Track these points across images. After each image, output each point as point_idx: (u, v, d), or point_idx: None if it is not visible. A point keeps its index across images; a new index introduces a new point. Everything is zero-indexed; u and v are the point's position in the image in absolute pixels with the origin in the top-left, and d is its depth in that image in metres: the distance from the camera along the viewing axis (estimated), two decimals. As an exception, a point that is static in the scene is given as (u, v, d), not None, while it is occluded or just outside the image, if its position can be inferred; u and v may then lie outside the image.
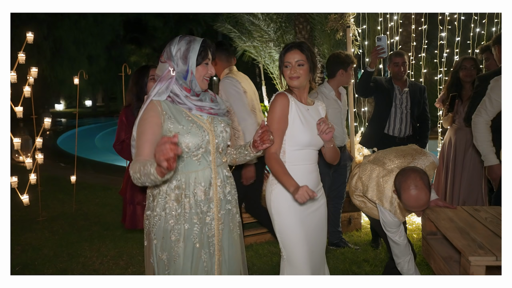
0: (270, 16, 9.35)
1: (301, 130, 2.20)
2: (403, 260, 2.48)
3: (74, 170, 5.48)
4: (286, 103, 2.19)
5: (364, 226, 4.46)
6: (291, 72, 2.19)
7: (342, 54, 3.68)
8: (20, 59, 4.13)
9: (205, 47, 1.93)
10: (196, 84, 1.94)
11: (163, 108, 1.87)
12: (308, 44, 2.24)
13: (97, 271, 3.58)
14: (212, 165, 1.98)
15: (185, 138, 1.88)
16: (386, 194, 2.38)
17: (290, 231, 2.23)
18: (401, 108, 3.88)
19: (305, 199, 1.92)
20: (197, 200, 1.94)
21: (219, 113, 2.02)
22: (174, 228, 1.91)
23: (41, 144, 4.65)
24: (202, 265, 1.96)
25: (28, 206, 4.97)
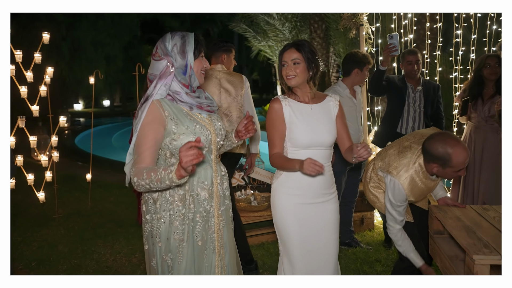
0: (285, 15, 9.36)
1: (300, 131, 2.21)
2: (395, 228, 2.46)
3: (90, 169, 5.57)
4: (278, 108, 2.23)
5: (377, 226, 4.43)
6: (287, 71, 2.20)
7: (359, 54, 3.66)
8: (36, 59, 4.22)
9: (199, 41, 1.93)
10: (195, 79, 1.93)
11: (165, 108, 1.85)
12: (309, 43, 2.22)
13: (110, 268, 3.64)
14: (213, 163, 2.00)
15: (190, 139, 1.84)
16: (403, 164, 2.36)
17: (285, 227, 2.27)
18: (414, 106, 3.83)
19: (314, 170, 1.92)
20: (200, 199, 1.94)
21: (214, 110, 2.03)
22: (178, 228, 1.90)
23: (56, 143, 4.73)
24: (204, 262, 1.97)
25: (45, 204, 5.08)
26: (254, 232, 4.14)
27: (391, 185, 2.37)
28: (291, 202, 2.27)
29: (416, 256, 2.40)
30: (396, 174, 2.35)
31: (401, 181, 2.33)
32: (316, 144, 2.20)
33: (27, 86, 4.13)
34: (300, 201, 2.26)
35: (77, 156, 10.00)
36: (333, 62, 9.07)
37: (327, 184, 2.29)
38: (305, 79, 2.23)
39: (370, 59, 3.73)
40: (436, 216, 2.25)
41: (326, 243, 2.30)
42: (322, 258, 2.29)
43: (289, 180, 2.27)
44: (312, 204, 2.26)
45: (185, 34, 1.92)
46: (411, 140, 2.47)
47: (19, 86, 4.08)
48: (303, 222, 2.26)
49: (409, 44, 4.67)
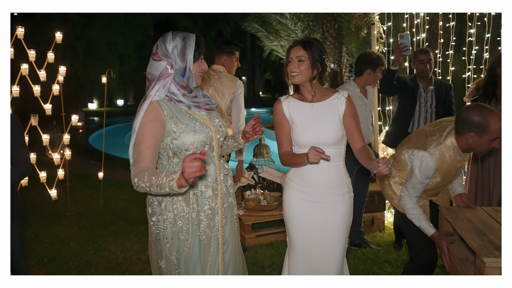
0: (297, 15, 9.33)
1: (299, 130, 2.22)
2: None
3: (102, 167, 5.62)
4: (279, 108, 2.29)
5: (387, 227, 4.38)
6: (291, 68, 2.20)
7: (373, 54, 3.63)
8: (49, 58, 4.28)
9: (200, 43, 1.91)
10: (193, 81, 1.93)
11: (164, 108, 1.85)
12: (317, 42, 2.20)
13: (120, 265, 3.67)
14: (216, 160, 2.00)
15: (191, 137, 1.86)
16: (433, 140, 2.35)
17: (290, 219, 2.31)
18: (425, 106, 3.79)
19: (317, 158, 1.93)
20: (204, 197, 1.94)
21: (213, 108, 2.03)
22: (183, 228, 1.91)
23: (68, 141, 4.78)
24: (208, 260, 1.97)
25: (58, 201, 5.15)
26: (263, 232, 4.14)
27: (419, 159, 2.32)
28: (297, 197, 2.28)
29: (428, 224, 2.36)
30: (426, 149, 2.33)
31: (431, 154, 2.31)
32: (318, 142, 2.16)
33: (40, 85, 4.19)
34: (306, 197, 2.25)
35: (90, 154, 10.11)
36: (346, 61, 9.02)
37: (334, 183, 2.24)
38: (309, 77, 2.21)
39: (384, 60, 3.68)
40: (446, 217, 2.22)
41: (328, 246, 2.25)
42: (324, 259, 2.27)
43: (296, 176, 2.29)
44: (317, 203, 2.23)
45: (186, 36, 1.89)
46: (434, 125, 2.47)
47: (33, 85, 4.14)
48: (307, 218, 2.25)
49: (421, 43, 4.62)
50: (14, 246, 2.65)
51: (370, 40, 4.46)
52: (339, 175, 2.27)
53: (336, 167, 2.25)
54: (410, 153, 2.41)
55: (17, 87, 3.84)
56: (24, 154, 2.62)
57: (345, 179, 2.29)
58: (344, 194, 2.27)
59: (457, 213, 2.22)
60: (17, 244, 2.66)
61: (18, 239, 2.68)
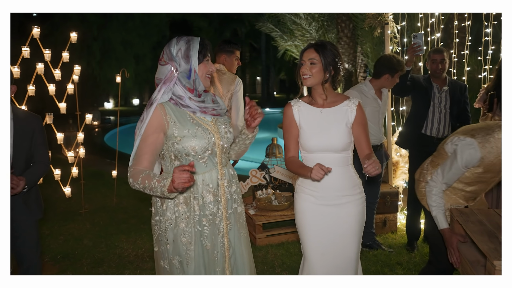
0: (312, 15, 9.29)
1: (307, 136, 2.22)
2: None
3: (115, 166, 5.69)
4: (289, 112, 2.28)
5: (399, 229, 4.34)
6: (303, 70, 2.20)
7: (394, 60, 3.53)
8: (64, 57, 4.34)
9: (204, 45, 1.94)
10: (200, 83, 1.94)
11: (167, 113, 1.88)
12: (331, 45, 2.20)
13: (131, 263, 3.71)
14: (219, 166, 2.00)
15: (192, 142, 1.89)
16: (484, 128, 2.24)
17: (303, 227, 2.29)
18: (439, 107, 3.73)
19: (320, 175, 1.95)
20: (205, 202, 1.95)
21: (221, 114, 2.03)
22: (184, 231, 1.92)
23: (82, 139, 4.84)
24: (215, 267, 1.98)
25: (72, 199, 5.22)
26: (274, 232, 4.14)
27: (465, 145, 2.23)
28: (309, 202, 2.27)
29: (444, 218, 2.31)
30: (474, 136, 2.22)
31: (478, 141, 2.19)
32: (324, 148, 2.18)
33: (55, 84, 4.25)
34: (318, 201, 2.25)
35: (105, 153, 10.22)
36: (361, 62, 8.96)
37: (346, 185, 2.25)
38: (320, 81, 2.21)
39: (404, 66, 3.61)
40: (458, 219, 2.19)
41: (344, 247, 2.26)
42: (340, 262, 2.26)
43: (306, 182, 2.28)
44: (330, 206, 2.23)
45: (190, 39, 1.93)
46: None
47: (48, 84, 4.21)
48: (319, 223, 2.25)
49: (436, 43, 4.56)
50: (31, 242, 2.70)
51: (384, 40, 4.42)
52: (350, 176, 2.28)
53: (346, 169, 2.26)
54: (455, 139, 2.31)
55: (33, 86, 3.91)
56: (45, 153, 2.69)
57: (356, 180, 2.30)
58: (357, 195, 2.28)
59: (469, 215, 2.18)
60: (33, 241, 2.71)
61: (35, 235, 2.73)
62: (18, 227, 2.64)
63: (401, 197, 4.61)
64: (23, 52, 3.94)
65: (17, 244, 2.67)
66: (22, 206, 2.61)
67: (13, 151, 2.53)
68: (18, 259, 2.70)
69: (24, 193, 2.58)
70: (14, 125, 2.54)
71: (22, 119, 2.59)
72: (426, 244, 3.92)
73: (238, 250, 2.07)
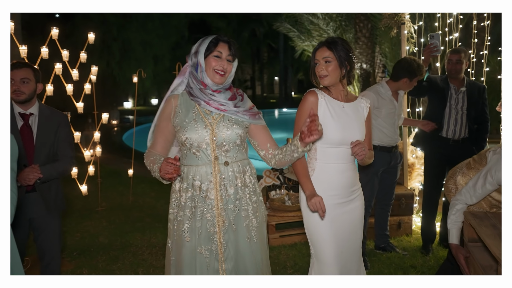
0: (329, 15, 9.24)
1: (332, 128, 2.17)
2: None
3: (132, 164, 5.77)
4: (314, 101, 2.19)
5: (415, 231, 4.28)
6: (319, 70, 2.18)
7: (415, 64, 3.45)
8: (82, 58, 4.42)
9: (216, 42, 2.02)
10: (206, 76, 2.01)
11: (178, 103, 2.04)
12: (342, 41, 2.17)
13: (145, 261, 3.75)
14: (213, 162, 2.01)
15: (186, 133, 1.99)
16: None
17: (318, 229, 2.24)
18: (456, 108, 3.66)
19: (315, 209, 2.04)
20: (194, 194, 2.00)
21: (229, 111, 2.02)
22: (176, 217, 2.05)
23: (99, 138, 4.92)
24: (202, 260, 1.99)
25: (90, 197, 5.31)
26: (287, 232, 4.13)
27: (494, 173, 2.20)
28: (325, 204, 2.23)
29: (457, 234, 2.35)
30: None
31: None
32: (344, 142, 2.17)
33: (73, 84, 4.34)
34: (333, 201, 2.23)
35: (123, 152, 10.35)
36: (379, 62, 8.87)
37: (354, 181, 2.30)
38: (338, 78, 2.19)
39: (424, 71, 3.55)
40: (471, 223, 2.15)
41: (354, 241, 2.31)
42: (351, 257, 2.29)
43: (319, 183, 2.22)
44: (345, 203, 2.25)
45: (207, 37, 2.06)
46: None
47: (65, 83, 4.29)
48: (334, 222, 2.23)
49: (454, 43, 4.48)
50: (52, 239, 2.76)
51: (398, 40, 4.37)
52: (355, 172, 2.34)
53: (352, 165, 2.30)
54: (499, 150, 2.28)
55: (51, 85, 3.99)
56: (67, 150, 2.75)
57: (357, 174, 2.36)
58: (359, 189, 2.36)
59: (482, 219, 2.14)
60: (54, 237, 2.77)
61: (56, 232, 2.79)
62: (39, 223, 2.71)
63: (417, 199, 4.55)
64: (42, 52, 4.03)
65: (38, 240, 2.75)
66: (41, 202, 2.66)
67: (35, 146, 2.61)
68: (40, 254, 2.77)
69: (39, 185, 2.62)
70: (38, 121, 2.63)
71: (46, 115, 2.68)
72: (441, 248, 3.86)
73: (240, 255, 2.05)
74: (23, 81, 2.53)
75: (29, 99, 2.58)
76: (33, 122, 2.63)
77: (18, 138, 2.54)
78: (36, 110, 2.65)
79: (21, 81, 2.53)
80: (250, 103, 2.15)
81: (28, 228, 2.73)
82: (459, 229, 2.35)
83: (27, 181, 2.45)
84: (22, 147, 2.55)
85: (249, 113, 2.07)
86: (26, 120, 2.61)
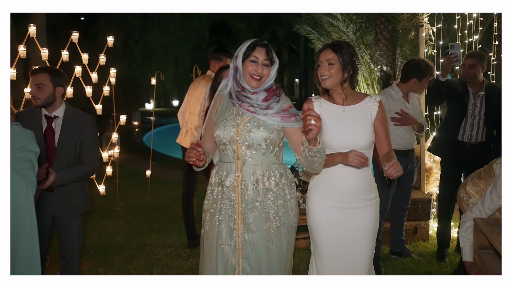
0: (349, 16, 9.16)
1: (331, 133, 2.18)
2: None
3: (149, 165, 5.85)
4: (310, 107, 2.18)
5: (432, 237, 4.21)
6: (321, 71, 2.18)
7: (423, 64, 3.45)
8: (101, 61, 4.52)
9: (253, 47, 2.06)
10: (243, 80, 2.08)
11: (222, 103, 2.15)
12: (347, 45, 2.19)
13: (160, 260, 3.81)
14: (237, 161, 2.07)
15: (217, 130, 2.10)
16: None
17: (316, 229, 2.27)
18: (473, 113, 3.59)
19: (359, 162, 1.99)
20: (222, 189, 2.10)
21: (257, 112, 2.04)
22: (209, 208, 2.15)
23: (116, 139, 5.01)
24: (222, 253, 2.06)
25: (108, 197, 5.41)
26: (301, 235, 4.09)
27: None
28: (323, 204, 2.25)
29: (470, 251, 2.32)
30: None
31: None
32: (347, 146, 2.14)
33: (92, 86, 4.44)
34: (332, 204, 2.23)
35: (143, 153, 10.49)
36: (400, 64, 8.76)
37: (363, 189, 2.23)
38: (339, 81, 2.19)
39: (434, 72, 3.51)
40: (482, 230, 2.11)
41: (357, 251, 2.25)
42: (352, 266, 2.25)
43: (321, 182, 2.26)
44: (345, 209, 2.22)
45: (246, 41, 2.12)
46: None
47: (85, 86, 4.39)
48: (333, 225, 2.23)
49: (473, 45, 4.39)
50: (72, 237, 2.81)
51: (419, 42, 4.31)
52: (368, 180, 2.26)
53: (365, 171, 2.23)
54: None
55: (71, 88, 4.09)
56: (90, 153, 2.77)
57: (372, 183, 2.29)
58: (372, 199, 2.27)
59: (494, 226, 2.10)
60: (74, 236, 2.82)
61: (77, 231, 2.84)
62: (60, 222, 2.78)
63: (434, 204, 4.48)
64: (63, 55, 4.13)
65: (60, 238, 2.82)
66: (61, 202, 2.72)
67: (56, 149, 2.66)
68: (61, 252, 2.85)
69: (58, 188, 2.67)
70: (62, 124, 2.68)
71: (70, 118, 2.72)
72: (458, 254, 3.79)
73: (257, 257, 2.08)
74: (38, 86, 2.59)
75: (46, 103, 2.63)
76: (56, 125, 2.69)
77: (41, 140, 2.61)
78: (61, 113, 2.70)
79: (36, 86, 2.59)
80: (287, 103, 2.13)
81: (52, 225, 2.80)
82: (472, 245, 2.34)
83: (40, 185, 2.48)
84: (43, 148, 2.61)
85: (280, 115, 2.06)
86: (50, 122, 2.68)
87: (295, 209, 2.17)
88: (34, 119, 2.67)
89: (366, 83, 8.17)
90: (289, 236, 2.16)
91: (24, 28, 3.86)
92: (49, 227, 2.78)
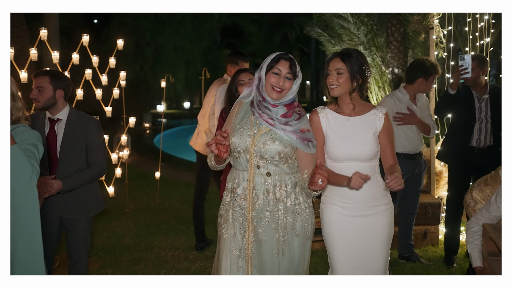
0: (360, 18, 9.12)
1: (334, 144, 2.20)
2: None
3: (159, 167, 5.89)
4: (316, 120, 2.26)
5: (441, 241, 4.15)
6: (329, 81, 2.18)
7: (427, 63, 3.45)
8: (110, 63, 4.57)
9: (278, 59, 2.08)
10: (264, 91, 2.09)
11: (241, 109, 2.17)
12: (357, 53, 2.18)
13: (167, 262, 3.83)
14: (250, 170, 2.09)
15: (233, 137, 2.11)
16: None
17: (331, 239, 2.26)
18: (480, 117, 3.53)
19: (360, 184, 1.94)
20: (232, 196, 2.14)
21: (276, 126, 2.06)
22: (223, 213, 2.20)
23: (126, 141, 5.06)
24: (234, 259, 2.09)
25: (118, 198, 5.46)
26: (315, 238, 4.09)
27: None
28: (338, 213, 2.25)
29: (479, 257, 2.30)
30: None
31: None
32: (351, 157, 2.18)
33: (102, 89, 4.49)
34: (346, 213, 2.23)
35: (153, 154, 10.55)
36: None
37: (375, 196, 2.24)
38: (348, 90, 2.19)
39: (439, 69, 3.48)
40: (491, 236, 2.08)
41: (372, 259, 2.25)
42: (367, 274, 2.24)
43: (334, 193, 2.25)
44: (360, 217, 2.22)
45: (272, 54, 2.13)
46: None
47: (95, 88, 4.44)
48: (349, 235, 2.23)
49: (485, 48, 4.34)
50: (79, 240, 2.83)
51: (429, 45, 4.27)
52: (379, 186, 2.26)
53: (374, 179, 2.24)
54: None
55: (81, 90, 4.14)
56: (97, 156, 2.77)
57: (384, 189, 2.27)
58: (386, 205, 2.27)
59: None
60: (82, 238, 2.83)
61: (84, 233, 2.85)
62: (67, 223, 2.79)
63: (444, 208, 4.42)
64: (73, 58, 4.19)
65: (67, 239, 2.84)
66: (67, 204, 2.73)
67: (59, 152, 2.67)
68: (69, 253, 2.87)
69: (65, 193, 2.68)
70: (64, 127, 2.68)
71: (73, 121, 2.71)
72: (467, 259, 3.74)
73: (265, 268, 2.11)
74: (38, 89, 2.60)
75: (46, 106, 2.64)
76: (58, 128, 2.69)
77: (44, 143, 2.63)
78: (64, 115, 2.70)
79: (37, 89, 2.60)
80: (306, 126, 2.14)
81: (60, 226, 2.81)
82: (480, 250, 2.32)
83: (41, 194, 2.47)
84: (46, 152, 2.62)
85: (297, 135, 2.08)
86: (53, 125, 2.69)
87: (310, 219, 2.18)
88: (39, 122, 2.69)
89: (378, 85, 8.11)
90: (303, 246, 2.16)
91: (38, 32, 3.91)
92: (56, 228, 2.79)
